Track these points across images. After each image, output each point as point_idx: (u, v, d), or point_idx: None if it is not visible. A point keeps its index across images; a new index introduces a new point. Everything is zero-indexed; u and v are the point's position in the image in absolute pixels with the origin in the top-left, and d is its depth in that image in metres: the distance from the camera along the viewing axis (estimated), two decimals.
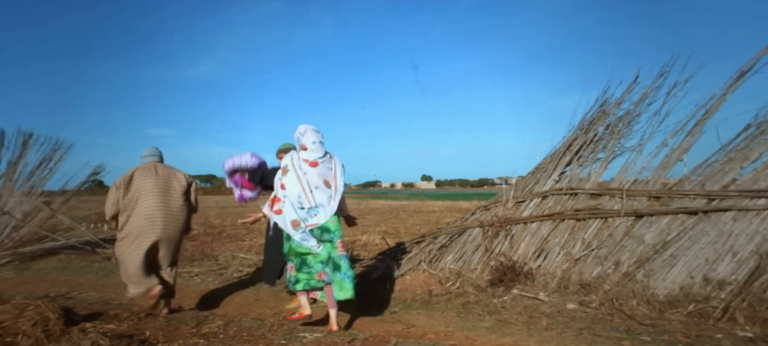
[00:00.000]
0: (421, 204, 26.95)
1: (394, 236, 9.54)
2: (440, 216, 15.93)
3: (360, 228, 11.72)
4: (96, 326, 3.27)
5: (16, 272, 5.95)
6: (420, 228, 11.41)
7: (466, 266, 4.76)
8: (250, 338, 3.14)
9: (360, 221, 15.66)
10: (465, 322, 3.56)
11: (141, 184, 3.71)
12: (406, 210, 20.16)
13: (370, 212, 18.65)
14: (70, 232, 8.03)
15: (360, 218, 15.87)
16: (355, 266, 5.27)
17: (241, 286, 4.91)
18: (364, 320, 3.65)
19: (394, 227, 12.15)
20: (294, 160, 3.41)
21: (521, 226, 4.75)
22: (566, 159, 4.90)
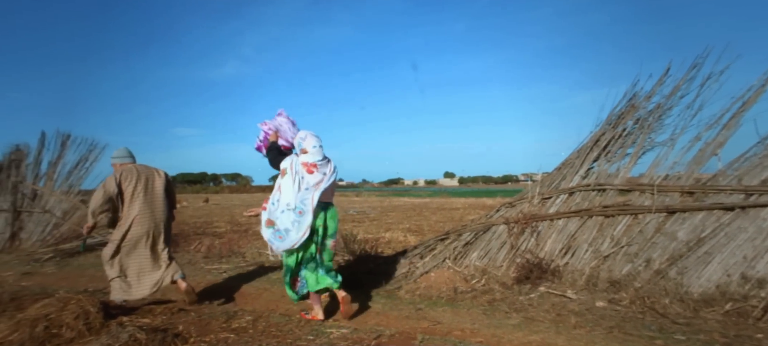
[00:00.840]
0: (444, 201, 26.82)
1: (417, 234, 9.55)
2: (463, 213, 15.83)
3: (383, 225, 11.77)
4: (132, 320, 3.40)
5: (58, 268, 6.23)
6: (443, 225, 11.37)
7: (491, 263, 4.73)
8: (278, 333, 3.21)
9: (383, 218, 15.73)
10: (491, 319, 3.55)
11: (127, 187, 3.91)
12: (429, 207, 20.11)
13: (392, 210, 18.68)
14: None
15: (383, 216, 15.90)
16: (380, 262, 5.30)
17: (268, 282, 5.01)
18: (389, 316, 3.67)
19: (418, 224, 12.14)
20: (293, 164, 3.54)
21: (547, 223, 4.68)
22: (593, 155, 4.80)
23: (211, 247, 7.10)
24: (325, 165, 3.61)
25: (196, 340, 3.06)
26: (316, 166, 3.55)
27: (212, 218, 14.74)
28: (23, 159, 8.11)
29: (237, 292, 4.63)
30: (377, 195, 40.61)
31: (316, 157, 3.56)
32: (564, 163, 5.07)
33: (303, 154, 3.59)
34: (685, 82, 4.42)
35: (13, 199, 7.81)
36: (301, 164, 3.53)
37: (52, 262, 6.52)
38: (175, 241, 7.92)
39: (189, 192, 54.96)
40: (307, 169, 3.53)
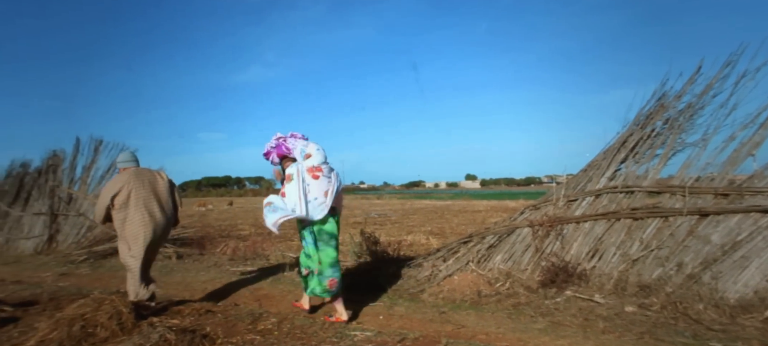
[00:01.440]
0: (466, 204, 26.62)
1: (439, 236, 9.51)
2: (486, 216, 15.68)
3: (405, 228, 11.76)
4: (162, 320, 3.49)
5: (92, 269, 6.45)
6: (465, 228, 11.29)
7: (515, 267, 4.67)
8: (303, 335, 3.24)
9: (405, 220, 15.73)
10: (516, 323, 3.50)
11: (131, 190, 3.89)
12: (451, 210, 19.99)
13: (414, 212, 18.65)
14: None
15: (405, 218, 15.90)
16: (402, 265, 5.30)
17: (291, 285, 5.06)
18: (413, 319, 3.66)
19: (439, 227, 12.09)
20: (299, 170, 3.64)
21: (573, 225, 4.59)
22: (621, 156, 4.69)
23: (236, 249, 7.23)
24: (329, 170, 3.76)
25: (223, 341, 3.12)
26: (321, 170, 3.68)
27: (236, 221, 15.02)
28: (59, 164, 8.45)
29: (262, 294, 4.70)
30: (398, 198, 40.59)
31: (319, 159, 3.70)
32: (590, 164, 4.97)
33: (307, 159, 3.73)
34: (718, 80, 4.27)
35: (50, 203, 8.14)
36: (307, 169, 3.66)
37: (86, 263, 6.76)
38: (202, 243, 8.11)
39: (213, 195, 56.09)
40: (312, 174, 3.65)
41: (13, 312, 3.80)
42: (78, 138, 8.27)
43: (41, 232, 8.09)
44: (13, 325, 3.58)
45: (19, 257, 7.66)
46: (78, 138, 8.27)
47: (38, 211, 8.39)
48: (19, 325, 3.59)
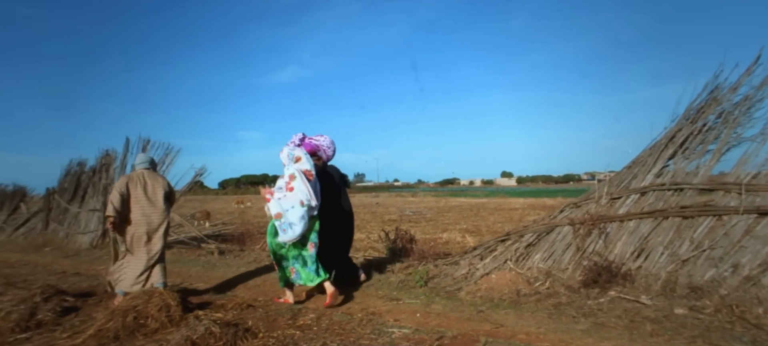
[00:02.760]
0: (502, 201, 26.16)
1: (475, 235, 9.40)
2: (523, 214, 15.35)
3: (440, 226, 11.70)
4: (207, 314, 3.63)
5: None
6: (502, 226, 11.10)
7: (555, 266, 4.55)
8: (341, 331, 3.29)
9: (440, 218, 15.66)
10: (558, 324, 3.41)
11: (132, 192, 4.19)
12: (487, 208, 19.70)
13: (449, 210, 18.51)
14: (179, 229, 9.00)
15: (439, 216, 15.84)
16: (439, 263, 5.27)
17: None
18: (450, 318, 3.64)
19: (475, 225, 11.95)
20: (298, 171, 4.01)
21: (617, 224, 4.42)
22: (669, 152, 4.48)
23: None
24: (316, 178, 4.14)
25: (264, 335, 3.21)
26: (312, 174, 4.07)
27: None
28: (111, 163, 8.95)
29: (299, 289, 4.79)
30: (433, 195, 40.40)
31: (308, 165, 4.07)
32: (634, 161, 4.77)
33: (297, 162, 4.07)
34: None
35: (103, 199, 8.62)
36: (303, 171, 4.00)
37: None
38: (242, 240, 8.37)
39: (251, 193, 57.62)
40: (307, 175, 4.04)
41: (74, 302, 4.07)
42: (127, 138, 8.71)
43: (96, 227, 8.60)
44: (75, 314, 3.83)
45: (77, 251, 8.18)
46: (127, 138, 8.71)
47: (93, 207, 8.91)
48: (80, 314, 3.84)
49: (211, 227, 10.83)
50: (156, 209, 4.24)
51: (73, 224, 9.11)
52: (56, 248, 8.71)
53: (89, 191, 9.16)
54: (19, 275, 6.05)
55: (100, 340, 3.10)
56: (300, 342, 3.05)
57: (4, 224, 11.12)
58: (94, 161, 9.35)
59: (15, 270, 6.47)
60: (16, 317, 3.44)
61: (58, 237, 9.22)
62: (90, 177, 9.36)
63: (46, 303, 3.76)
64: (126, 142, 8.64)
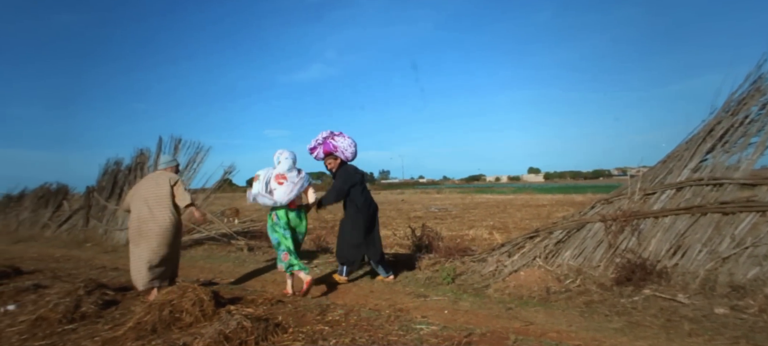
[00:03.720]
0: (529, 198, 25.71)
1: (502, 231, 9.28)
2: (551, 210, 15.06)
3: (466, 222, 11.61)
4: (238, 308, 3.71)
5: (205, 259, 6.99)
6: (529, 223, 10.91)
7: (586, 263, 4.45)
8: (369, 327, 3.31)
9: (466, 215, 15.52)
10: (590, 322, 3.34)
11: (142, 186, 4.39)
12: (514, 204, 19.40)
13: (475, 207, 18.33)
14: (210, 225, 9.24)
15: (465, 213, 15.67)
16: (466, 260, 5.23)
17: (355, 277, 5.18)
18: (479, 315, 3.61)
19: (502, 221, 11.79)
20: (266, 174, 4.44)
21: (651, 220, 4.29)
22: (706, 146, 4.30)
23: None
24: (294, 175, 4.43)
25: (294, 330, 3.25)
26: (285, 177, 4.41)
27: None
28: (145, 161, 9.27)
29: (327, 286, 4.85)
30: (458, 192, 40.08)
31: (282, 169, 4.43)
32: (670, 156, 4.61)
33: (277, 165, 4.47)
34: None
35: None
36: (275, 176, 4.40)
37: None
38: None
39: None
40: (277, 180, 4.39)
41: (114, 296, 4.24)
42: (160, 137, 8.99)
43: None
44: (115, 307, 3.99)
45: (115, 247, 8.52)
46: (160, 137, 8.99)
47: None
48: (119, 307, 4.00)
49: (240, 224, 11.08)
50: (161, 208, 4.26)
51: (111, 221, 9.48)
52: (96, 243, 9.10)
53: (125, 188, 9.51)
54: (64, 269, 6.36)
55: (139, 332, 3.22)
56: (329, 338, 3.08)
57: (49, 220, 11.70)
58: (130, 160, 9.70)
59: (60, 265, 6.81)
60: (63, 309, 3.61)
61: (98, 233, 9.63)
62: (126, 175, 9.72)
63: (89, 296, 3.93)
64: (159, 141, 8.93)
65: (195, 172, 8.85)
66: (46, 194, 12.71)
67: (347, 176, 4.82)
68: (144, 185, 4.46)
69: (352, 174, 4.84)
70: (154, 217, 4.22)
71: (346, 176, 4.83)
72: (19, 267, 6.14)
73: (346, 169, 4.89)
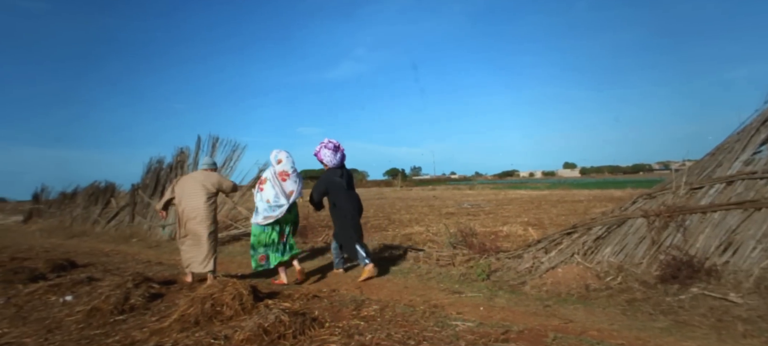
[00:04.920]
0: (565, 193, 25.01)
1: (537, 227, 9.07)
2: (588, 206, 14.59)
3: (500, 219, 11.41)
4: (276, 303, 3.81)
5: None
6: (565, 219, 10.62)
7: (628, 260, 4.29)
8: (404, 323, 3.32)
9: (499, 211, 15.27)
10: (633, 321, 3.22)
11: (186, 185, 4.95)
12: (549, 200, 18.93)
13: (508, 203, 18.00)
14: (246, 221, 9.49)
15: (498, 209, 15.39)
16: (500, 257, 5.16)
17: (390, 274, 5.20)
18: (515, 312, 3.56)
19: (537, 217, 11.53)
20: (273, 175, 4.87)
21: (699, 216, 4.09)
22: (761, 136, 4.06)
23: None
24: (295, 175, 4.92)
25: (330, 325, 3.31)
26: (288, 175, 4.87)
27: None
28: (185, 160, 9.63)
29: (362, 283, 4.89)
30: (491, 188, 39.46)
31: (285, 166, 4.88)
32: (719, 148, 4.38)
33: (278, 164, 4.90)
34: None
35: None
36: (278, 174, 4.85)
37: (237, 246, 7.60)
38: (304, 232, 8.67)
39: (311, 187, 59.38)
40: (281, 177, 4.85)
41: (159, 289, 4.45)
42: (199, 136, 9.32)
43: (174, 220, 9.29)
44: (160, 299, 4.18)
45: (159, 242, 8.91)
46: (199, 136, 9.32)
47: None
48: (164, 300, 4.19)
49: None
50: (202, 206, 4.89)
51: (155, 218, 9.91)
52: (141, 239, 9.54)
53: (167, 186, 9.91)
54: (113, 262, 6.72)
55: (184, 324, 3.36)
56: (365, 332, 3.12)
57: (99, 217, 12.37)
58: (171, 158, 10.09)
59: (109, 258, 7.19)
60: (114, 301, 3.82)
61: (143, 229, 10.09)
62: (167, 173, 10.13)
63: (136, 289, 4.14)
64: (197, 140, 9.26)
65: (232, 169, 9.11)
66: (95, 192, 13.44)
67: (319, 185, 5.32)
68: (189, 183, 4.98)
69: (326, 182, 5.24)
70: (199, 212, 4.86)
71: (319, 184, 5.32)
72: (74, 260, 6.55)
73: (322, 178, 5.33)
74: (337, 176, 5.22)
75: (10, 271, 5.41)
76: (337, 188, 5.18)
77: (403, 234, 8.93)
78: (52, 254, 7.82)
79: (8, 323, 3.68)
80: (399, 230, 9.63)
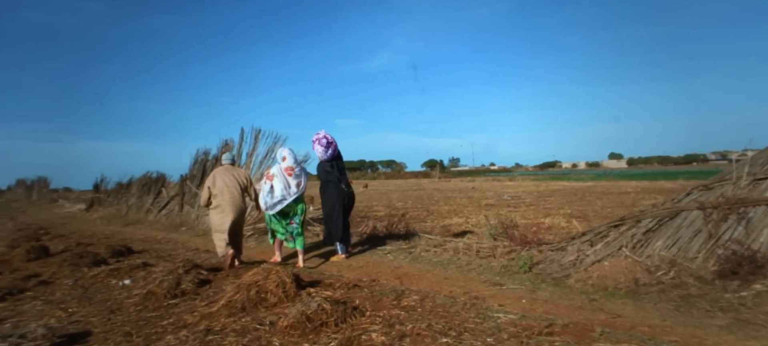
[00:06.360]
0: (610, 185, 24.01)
1: (581, 220, 8.78)
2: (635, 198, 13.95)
3: (542, 211, 11.13)
4: (318, 291, 3.90)
5: (256, 243, 7.52)
6: (611, 211, 10.21)
7: (681, 254, 4.08)
8: (445, 314, 3.31)
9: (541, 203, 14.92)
10: (688, 317, 3.06)
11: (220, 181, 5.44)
12: (593, 192, 18.24)
13: (550, 194, 17.50)
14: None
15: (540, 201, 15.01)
16: (543, 249, 5.03)
17: (429, 265, 5.20)
18: (559, 305, 3.47)
19: (581, 209, 11.15)
20: (280, 170, 5.40)
21: (763, 208, 3.82)
22: None
23: (374, 229, 7.67)
24: (299, 169, 5.47)
25: (371, 314, 3.34)
26: (293, 169, 5.41)
27: (372, 203, 15.93)
28: (229, 151, 9.96)
29: (402, 272, 4.92)
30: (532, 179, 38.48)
31: (290, 163, 5.43)
32: None
33: (283, 161, 5.43)
34: None
35: None
36: (284, 169, 5.36)
37: (253, 238, 7.91)
38: None
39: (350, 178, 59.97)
40: (288, 172, 5.38)
41: (207, 275, 4.66)
42: (242, 129, 9.60)
43: None
44: (208, 286, 4.38)
45: (206, 231, 9.29)
46: (242, 129, 9.60)
47: None
48: (212, 286, 4.38)
49: (316, 211, 11.56)
50: (235, 197, 5.41)
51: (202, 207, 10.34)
52: (190, 227, 10.00)
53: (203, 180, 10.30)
54: (165, 249, 7.10)
55: (231, 309, 3.50)
56: (406, 322, 3.13)
57: (151, 206, 13.08)
58: (216, 150, 10.48)
59: (161, 246, 7.60)
60: (167, 286, 4.04)
61: (191, 218, 10.57)
62: (213, 164, 10.52)
63: (187, 275, 4.35)
64: (241, 132, 9.55)
65: (274, 160, 9.31)
66: (148, 182, 14.20)
67: (318, 172, 5.85)
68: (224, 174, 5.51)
69: (321, 170, 5.78)
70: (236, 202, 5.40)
71: (318, 171, 5.86)
72: (130, 247, 6.99)
73: (318, 167, 5.83)
74: (327, 168, 5.74)
75: (77, 255, 5.85)
76: (328, 178, 5.73)
77: (442, 225, 8.89)
78: (111, 240, 8.37)
79: (77, 303, 3.98)
80: (438, 222, 9.58)
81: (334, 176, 5.68)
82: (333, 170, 5.71)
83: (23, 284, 4.72)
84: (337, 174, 5.71)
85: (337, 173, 5.71)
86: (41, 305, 3.96)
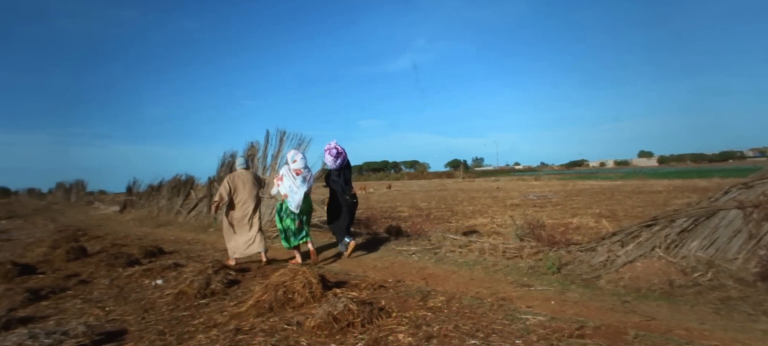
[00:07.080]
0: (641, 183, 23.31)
1: (611, 219, 8.55)
2: (667, 197, 13.50)
3: (569, 210, 10.90)
4: (344, 292, 3.92)
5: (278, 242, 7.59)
6: (642, 210, 9.91)
7: (719, 255, 3.92)
8: (472, 315, 3.28)
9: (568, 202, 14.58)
10: (728, 321, 2.94)
11: (239, 183, 5.75)
12: (622, 191, 17.75)
13: (577, 194, 17.11)
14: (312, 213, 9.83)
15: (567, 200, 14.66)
16: (571, 249, 4.92)
17: (455, 266, 5.16)
18: (590, 307, 3.38)
19: (610, 209, 10.86)
20: (289, 172, 5.66)
21: None
22: None
23: (398, 230, 7.66)
24: (307, 171, 5.77)
25: (398, 315, 3.34)
26: (300, 171, 5.66)
27: (395, 203, 15.93)
28: (255, 153, 10.12)
29: (427, 273, 4.89)
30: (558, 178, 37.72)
31: (298, 165, 5.67)
32: None
33: (293, 163, 5.67)
34: None
35: None
36: (293, 171, 5.63)
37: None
38: (366, 224, 8.84)
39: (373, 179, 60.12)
40: (296, 172, 5.64)
41: (235, 276, 4.76)
42: (268, 131, 9.73)
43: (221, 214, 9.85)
44: (237, 286, 4.47)
45: None
46: (268, 131, 9.73)
47: None
48: (240, 286, 4.47)
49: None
50: (252, 198, 5.76)
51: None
52: (217, 229, 10.21)
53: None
54: (194, 250, 7.29)
55: (259, 309, 3.57)
56: (432, 323, 3.12)
57: (181, 207, 13.43)
58: (242, 153, 10.67)
59: (191, 246, 7.81)
60: (197, 286, 4.15)
61: (219, 220, 10.79)
62: None
63: (216, 275, 4.46)
64: (266, 134, 9.69)
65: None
66: (177, 185, 14.59)
67: (327, 179, 6.23)
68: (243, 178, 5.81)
69: (328, 179, 6.17)
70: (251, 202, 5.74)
71: (327, 179, 6.24)
72: (162, 248, 7.21)
73: (327, 175, 6.24)
74: (334, 176, 6.10)
75: (112, 256, 6.09)
76: (335, 186, 6.08)
77: (466, 226, 8.81)
78: (144, 241, 8.65)
79: (113, 302, 4.14)
80: (462, 222, 9.50)
81: (339, 186, 6.04)
82: (339, 179, 6.06)
83: (64, 283, 4.94)
84: (342, 183, 6.05)
85: (342, 183, 6.05)
86: (81, 303, 4.13)
